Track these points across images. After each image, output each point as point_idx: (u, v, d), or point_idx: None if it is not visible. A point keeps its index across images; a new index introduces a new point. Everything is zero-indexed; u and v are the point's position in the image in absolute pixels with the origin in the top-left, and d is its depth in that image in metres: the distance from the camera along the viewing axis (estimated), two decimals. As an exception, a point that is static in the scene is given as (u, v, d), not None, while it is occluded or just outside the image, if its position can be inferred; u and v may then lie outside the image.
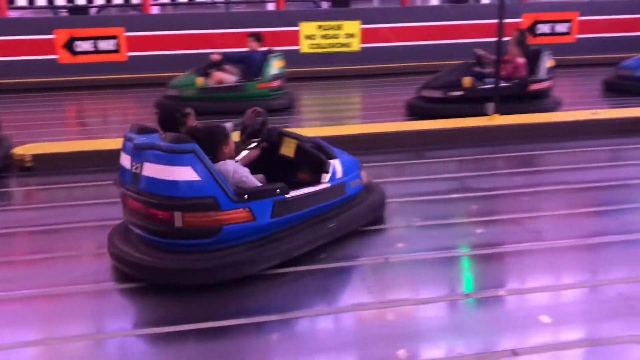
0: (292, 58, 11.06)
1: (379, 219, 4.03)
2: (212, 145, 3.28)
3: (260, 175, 3.58)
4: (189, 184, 3.05)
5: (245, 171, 3.33)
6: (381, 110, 7.86)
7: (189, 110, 3.70)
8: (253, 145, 3.81)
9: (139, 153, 3.20)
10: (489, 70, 6.70)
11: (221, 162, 3.28)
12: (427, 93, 7.12)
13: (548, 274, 3.33)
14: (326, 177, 3.63)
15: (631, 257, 3.51)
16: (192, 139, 3.16)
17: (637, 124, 6.35)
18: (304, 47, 11.07)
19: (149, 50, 10.39)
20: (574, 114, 6.64)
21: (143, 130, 3.34)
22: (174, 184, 3.06)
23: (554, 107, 7.16)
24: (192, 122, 3.66)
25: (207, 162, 3.09)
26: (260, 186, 3.33)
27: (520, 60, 6.88)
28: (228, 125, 3.54)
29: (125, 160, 3.34)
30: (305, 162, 3.88)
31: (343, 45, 11.24)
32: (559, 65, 10.94)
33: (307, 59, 11.02)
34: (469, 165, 5.48)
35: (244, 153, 3.76)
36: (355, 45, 11.29)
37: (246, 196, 3.18)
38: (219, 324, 2.84)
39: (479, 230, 3.91)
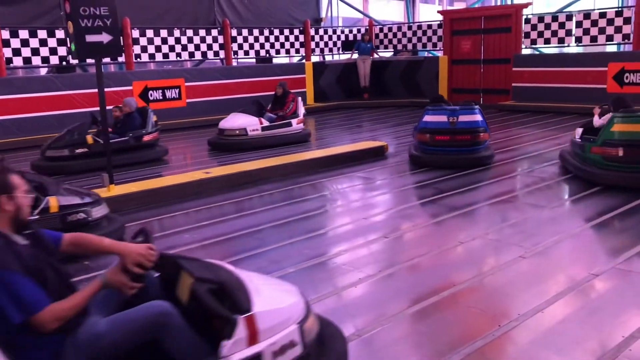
0: None
1: None
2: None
3: None
4: (478, 121, 7.45)
5: None
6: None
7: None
8: None
9: (454, 112, 7.44)
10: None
11: None
12: (52, 153, 7.91)
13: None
14: None
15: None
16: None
17: (247, 177, 7.03)
18: None
19: None
20: (189, 175, 6.96)
21: (438, 102, 8.07)
22: (473, 122, 7.42)
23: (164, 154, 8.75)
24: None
25: (481, 112, 7.57)
26: None
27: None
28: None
29: (434, 117, 7.52)
30: None
31: None
32: (172, 129, 11.54)
33: None
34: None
35: None
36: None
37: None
38: None
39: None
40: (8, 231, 2.24)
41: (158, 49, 12.74)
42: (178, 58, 13.26)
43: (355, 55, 16.13)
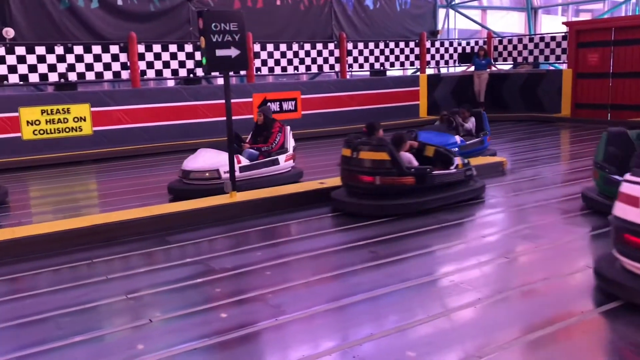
0: (11, 146, 10.07)
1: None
2: None
3: None
4: None
5: None
6: (122, 196, 7.47)
7: None
8: None
9: None
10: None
11: None
12: None
13: (290, 348, 3.37)
14: None
15: (375, 313, 3.75)
16: None
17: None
18: (26, 133, 10.11)
19: None
20: (304, 184, 7.15)
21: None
22: None
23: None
24: None
25: None
26: None
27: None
28: None
29: None
30: None
31: (73, 129, 10.56)
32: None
33: (31, 146, 10.10)
34: (212, 246, 5.42)
35: None
36: (87, 128, 10.70)
37: None
38: None
39: (224, 315, 3.81)
40: None
41: (277, 62, 13.22)
42: (295, 71, 13.68)
43: (472, 69, 15.78)
